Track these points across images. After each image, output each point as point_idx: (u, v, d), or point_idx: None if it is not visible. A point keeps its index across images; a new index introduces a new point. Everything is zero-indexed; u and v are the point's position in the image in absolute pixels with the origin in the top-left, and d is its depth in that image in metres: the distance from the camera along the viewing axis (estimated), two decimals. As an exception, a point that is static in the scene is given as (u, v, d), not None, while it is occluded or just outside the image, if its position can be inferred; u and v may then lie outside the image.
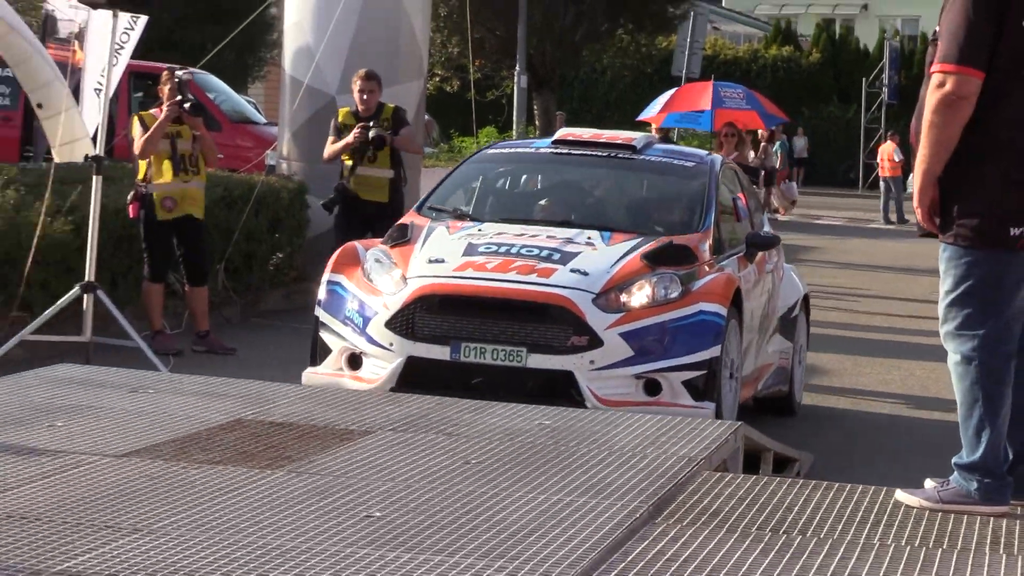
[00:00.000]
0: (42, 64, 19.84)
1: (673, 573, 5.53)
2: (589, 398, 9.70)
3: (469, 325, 9.96)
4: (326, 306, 10.38)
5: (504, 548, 5.70)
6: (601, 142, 12.39)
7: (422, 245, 10.63)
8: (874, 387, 14.43)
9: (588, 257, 10.37)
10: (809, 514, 6.55)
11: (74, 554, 5.33)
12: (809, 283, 21.99)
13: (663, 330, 9.97)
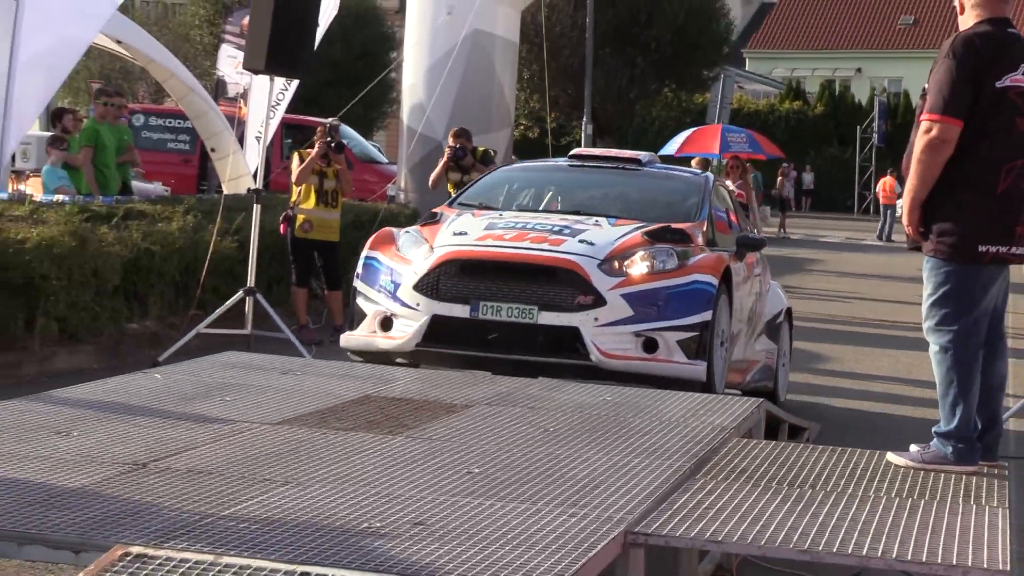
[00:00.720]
0: (215, 117, 20.03)
1: (710, 518, 5.50)
2: (593, 351, 9.05)
3: (487, 286, 9.25)
4: (363, 278, 9.74)
5: (576, 498, 5.68)
6: (611, 156, 11.98)
7: (449, 224, 9.99)
8: (868, 371, 14.34)
9: (595, 232, 9.65)
10: (817, 472, 6.51)
11: (239, 501, 5.35)
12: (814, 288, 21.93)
13: (661, 295, 9.23)
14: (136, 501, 5.27)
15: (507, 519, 5.30)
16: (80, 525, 4.95)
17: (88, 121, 16.90)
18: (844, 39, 67.23)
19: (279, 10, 14.49)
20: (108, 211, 13.61)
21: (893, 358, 15.23)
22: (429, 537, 5.01)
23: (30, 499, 5.25)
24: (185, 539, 4.81)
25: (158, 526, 4.95)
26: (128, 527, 4.93)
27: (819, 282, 25.21)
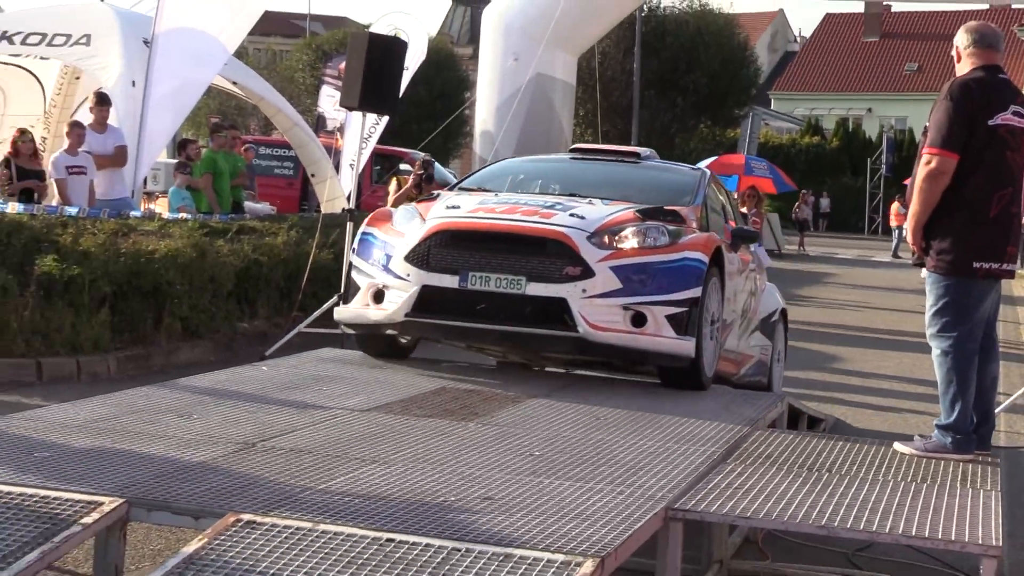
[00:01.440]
0: (315, 148, 20.16)
1: (739, 497, 5.48)
2: (580, 323, 7.75)
3: (476, 257, 7.97)
4: (359, 252, 8.54)
5: (623, 477, 5.66)
6: (610, 150, 10.81)
7: (444, 200, 8.78)
8: (876, 371, 14.24)
9: (587, 208, 8.40)
10: (832, 458, 6.46)
11: (333, 476, 5.36)
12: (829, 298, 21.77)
13: (650, 269, 7.96)
14: (246, 475, 5.30)
15: (563, 495, 5.30)
16: (199, 495, 4.99)
17: (207, 150, 17.02)
18: (857, 83, 66.96)
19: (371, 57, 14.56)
20: (224, 227, 13.71)
21: (898, 360, 15.11)
22: (496, 510, 5.01)
23: (158, 472, 5.29)
24: (288, 508, 4.83)
25: (265, 497, 4.98)
26: (239, 497, 4.96)
27: (834, 293, 25.06)
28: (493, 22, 17.78)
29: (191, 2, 16.21)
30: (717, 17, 48.51)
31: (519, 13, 17.37)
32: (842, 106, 66.12)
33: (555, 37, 16.98)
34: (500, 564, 4.36)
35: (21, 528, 4.60)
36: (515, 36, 17.34)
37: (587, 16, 17.53)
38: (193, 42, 16.10)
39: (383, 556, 4.41)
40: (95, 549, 4.99)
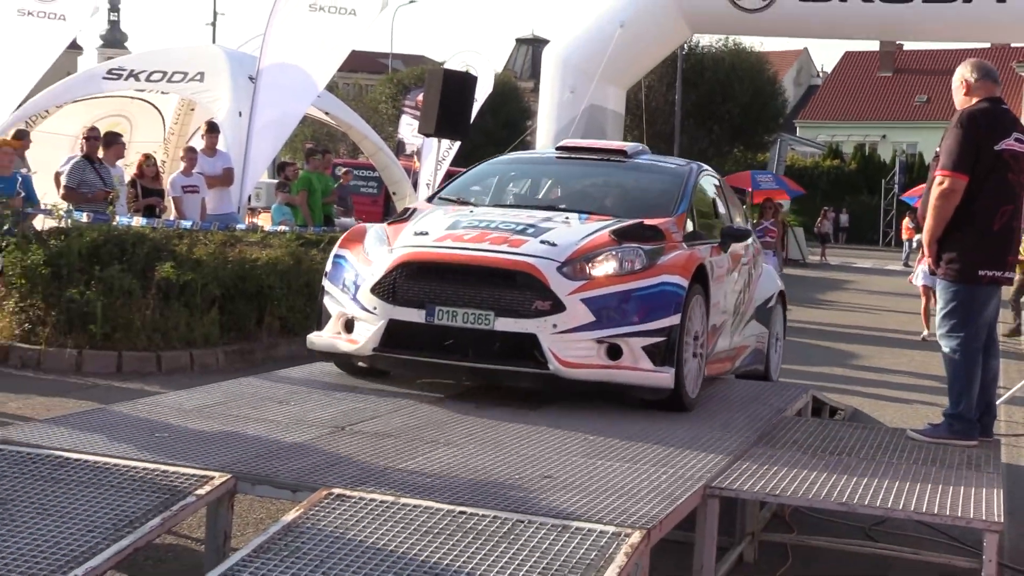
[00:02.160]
0: (396, 169, 20.23)
1: (769, 477, 5.44)
2: (551, 360, 6.57)
3: (443, 290, 6.76)
4: (330, 276, 7.33)
5: (666, 459, 5.64)
6: (597, 148, 9.06)
7: (415, 222, 7.46)
8: (890, 367, 14.10)
9: (560, 231, 7.08)
10: (852, 443, 6.41)
11: (413, 456, 5.37)
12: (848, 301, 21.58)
13: (625, 298, 6.75)
14: (336, 454, 5.32)
15: (613, 474, 5.28)
16: (296, 471, 5.01)
17: (303, 172, 17.13)
18: (872, 113, 66.45)
19: (446, 90, 14.61)
20: (317, 238, 13.76)
21: (910, 357, 14.98)
22: (554, 486, 5.01)
23: (260, 451, 5.32)
24: (372, 484, 4.85)
25: (353, 473, 5.00)
26: (331, 473, 4.98)
27: (852, 297, 24.87)
28: (552, 60, 17.76)
29: (289, 44, 16.30)
30: (749, 55, 48.26)
31: (575, 52, 17.34)
32: (859, 133, 65.58)
33: (606, 73, 16.94)
34: (559, 534, 4.36)
35: (145, 498, 4.65)
36: (571, 72, 17.32)
37: (634, 55, 17.47)
38: (291, 78, 16.19)
39: (456, 526, 4.43)
40: (207, 517, 5.04)
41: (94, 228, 11.22)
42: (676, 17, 17.13)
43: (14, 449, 5.15)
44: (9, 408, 8.65)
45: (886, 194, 53.59)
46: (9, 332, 10.64)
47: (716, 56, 46.90)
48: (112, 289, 10.45)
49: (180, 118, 19.71)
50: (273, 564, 4.10)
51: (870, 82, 68.42)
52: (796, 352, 14.47)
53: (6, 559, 4.08)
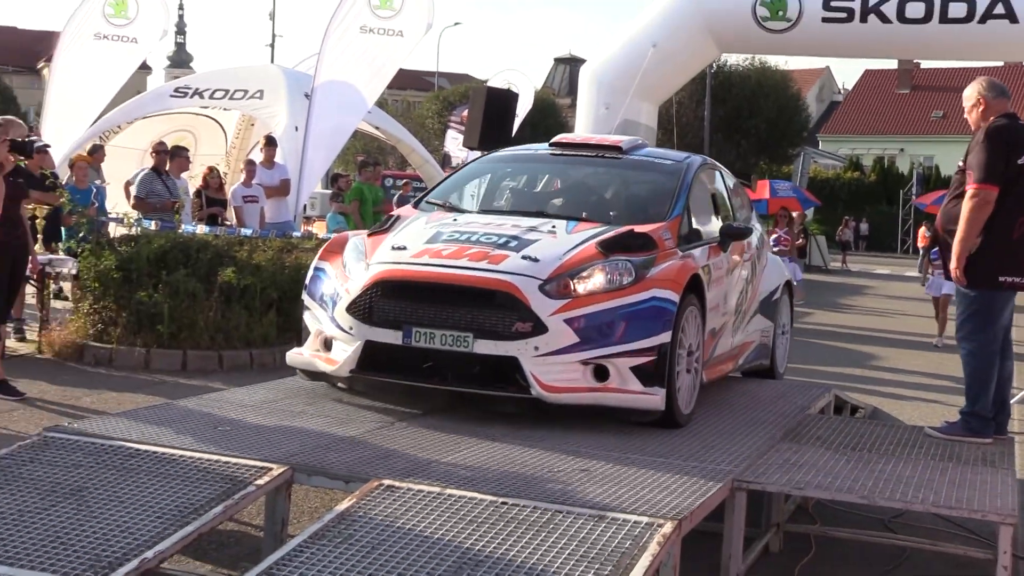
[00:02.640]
0: (441, 180, 20.18)
1: (794, 471, 5.41)
2: (533, 385, 5.82)
3: (420, 310, 6.01)
4: (309, 290, 6.56)
5: (696, 453, 5.62)
6: (592, 144, 8.03)
7: (395, 234, 6.64)
8: (908, 367, 13.97)
9: (544, 244, 6.27)
10: (872, 439, 6.36)
11: (458, 450, 5.39)
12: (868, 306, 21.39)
13: (611, 316, 5.97)
14: (387, 448, 5.33)
15: (647, 468, 5.27)
16: (349, 463, 5.03)
17: (355, 182, 17.18)
18: (891, 127, 65.98)
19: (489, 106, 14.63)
20: (368, 245, 13.75)
21: (926, 357, 14.84)
22: (591, 480, 5.00)
23: (316, 444, 5.34)
24: (421, 475, 4.86)
25: (402, 466, 5.01)
26: (381, 466, 4.99)
27: (872, 302, 24.67)
28: (588, 77, 17.71)
29: (342, 63, 16.38)
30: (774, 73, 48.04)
31: (610, 70, 17.28)
32: (879, 146, 65.09)
33: (639, 90, 16.88)
34: (595, 524, 4.35)
35: (208, 487, 4.68)
36: (606, 89, 17.25)
37: (666, 73, 17.39)
38: (343, 95, 16.27)
39: (499, 516, 4.43)
40: (266, 505, 5.07)
41: (161, 235, 11.30)
42: (705, 38, 17.05)
43: (89, 440, 5.20)
44: (83, 402, 8.73)
45: (904, 204, 53.16)
46: (84, 332, 10.74)
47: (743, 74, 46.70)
48: (178, 292, 10.51)
49: (241, 133, 19.85)
50: (327, 550, 4.11)
51: (889, 98, 67.95)
52: (819, 353, 14.38)
53: (83, 542, 4.12)
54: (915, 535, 6.29)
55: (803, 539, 6.23)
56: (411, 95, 67.12)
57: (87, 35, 17.51)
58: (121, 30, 17.65)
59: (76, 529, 4.23)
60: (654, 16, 17.23)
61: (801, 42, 16.73)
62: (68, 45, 17.62)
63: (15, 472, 4.80)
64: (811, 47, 17.61)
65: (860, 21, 15.95)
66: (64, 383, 9.44)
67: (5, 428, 7.73)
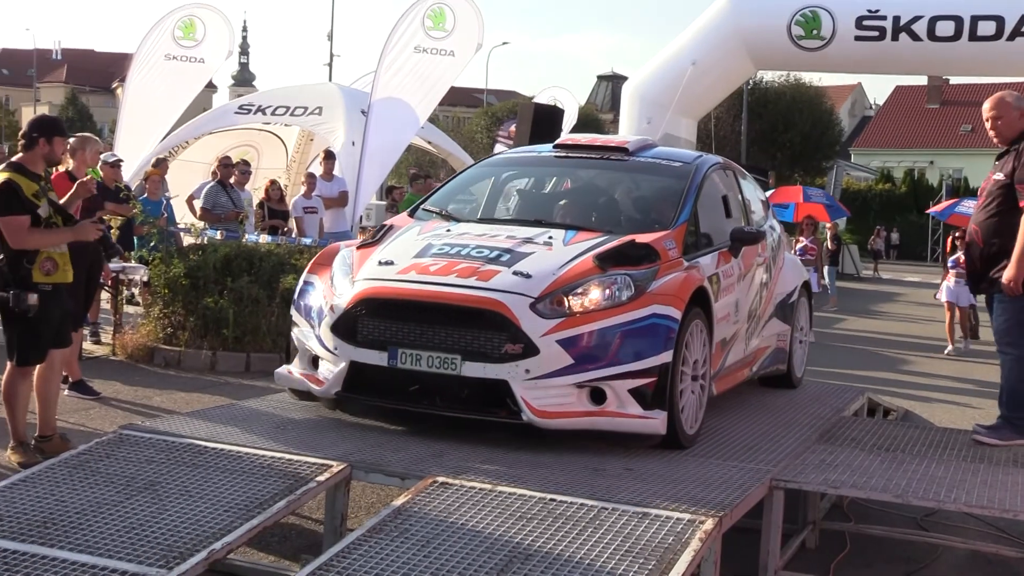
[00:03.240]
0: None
1: (829, 471, 5.36)
2: (524, 409, 5.24)
3: (405, 330, 5.42)
4: (297, 305, 6.00)
5: (736, 453, 5.59)
6: (597, 145, 7.25)
7: (384, 247, 6.02)
8: (935, 371, 13.81)
9: (538, 258, 5.64)
10: (905, 440, 6.28)
11: (506, 449, 5.36)
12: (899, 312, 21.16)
13: (608, 335, 5.33)
14: (440, 446, 5.33)
15: (689, 467, 5.24)
16: (404, 461, 5.04)
17: (408, 194, 17.24)
18: (921, 141, 65.33)
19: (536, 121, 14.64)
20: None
21: (956, 362, 14.66)
22: (634, 477, 4.98)
23: (373, 442, 5.36)
24: (472, 473, 4.86)
25: (455, 464, 5.01)
26: (435, 464, 4.99)
27: (903, 309, 24.41)
28: (630, 93, 17.68)
29: (396, 82, 16.46)
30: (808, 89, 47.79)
31: (651, 87, 17.24)
32: (909, 159, 64.45)
33: (679, 106, 16.82)
34: (639, 520, 4.33)
35: (274, 482, 4.71)
36: (648, 105, 17.20)
37: (705, 90, 17.32)
38: (398, 112, 16.34)
39: (547, 512, 4.42)
40: (326, 501, 5.08)
41: (227, 244, 11.40)
42: (743, 56, 16.97)
43: (161, 438, 5.26)
44: (154, 402, 8.81)
45: (933, 215, 52.71)
46: (154, 335, 10.85)
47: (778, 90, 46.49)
48: (242, 298, 10.59)
49: (301, 147, 19.99)
50: (384, 543, 4.12)
51: (919, 113, 67.30)
52: (851, 357, 14.25)
53: (156, 534, 4.16)
54: (947, 533, 6.22)
55: (838, 536, 6.18)
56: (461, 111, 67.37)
57: (158, 56, 17.71)
58: (189, 51, 17.84)
59: (149, 521, 4.27)
60: (693, 35, 17.18)
61: (834, 59, 16.60)
62: (141, 66, 17.83)
63: (93, 467, 4.86)
64: (844, 64, 17.47)
65: (892, 39, 15.81)
66: (136, 383, 9.54)
67: (83, 425, 7.83)
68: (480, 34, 16.70)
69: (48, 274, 6.57)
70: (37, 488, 4.62)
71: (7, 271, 6.49)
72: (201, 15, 17.92)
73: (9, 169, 6.58)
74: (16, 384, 6.65)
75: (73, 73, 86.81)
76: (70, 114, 67.64)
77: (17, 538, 4.12)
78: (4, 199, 6.40)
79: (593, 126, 49.49)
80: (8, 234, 6.43)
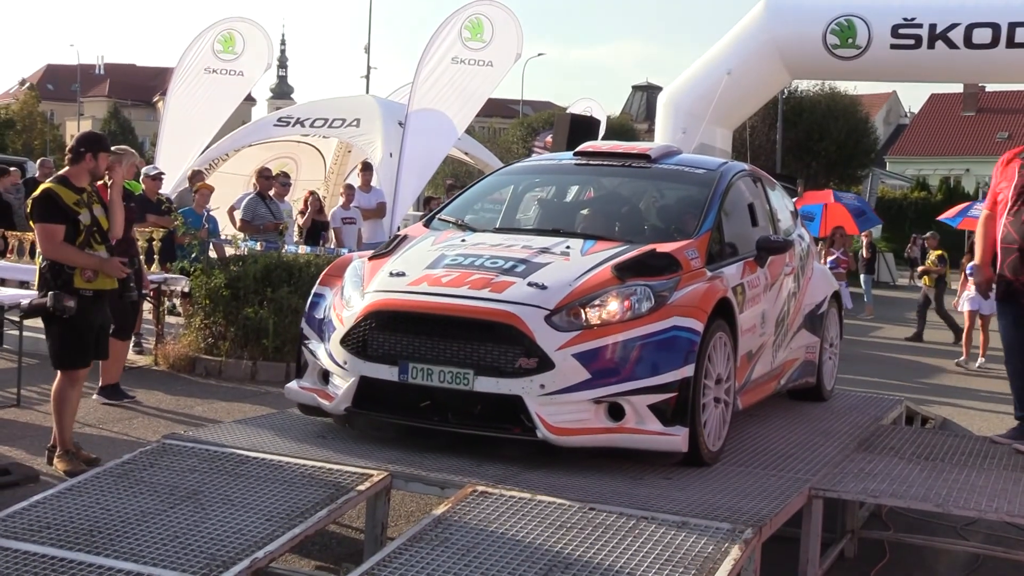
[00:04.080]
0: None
1: (868, 479, 5.32)
2: (539, 426, 5.03)
3: (416, 344, 5.21)
4: (308, 318, 5.80)
5: (775, 462, 5.55)
6: (618, 152, 6.95)
7: (397, 257, 5.82)
8: (974, 378, 13.65)
9: (554, 269, 5.42)
10: (943, 449, 6.21)
11: (545, 459, 5.33)
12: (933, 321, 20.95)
13: (626, 349, 5.11)
14: (479, 456, 5.29)
15: (728, 476, 5.21)
16: (444, 470, 5.03)
17: (445, 205, 17.26)
18: (957, 148, 64.79)
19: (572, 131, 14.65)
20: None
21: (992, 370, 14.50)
22: (674, 486, 4.96)
23: (413, 451, 5.33)
24: (511, 483, 4.85)
25: (494, 473, 5.00)
26: (474, 473, 4.99)
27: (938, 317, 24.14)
28: (665, 104, 17.66)
29: (434, 93, 16.49)
30: (843, 97, 47.46)
31: (686, 97, 17.22)
32: (944, 167, 63.95)
33: (715, 116, 16.79)
34: (679, 530, 4.31)
35: (315, 491, 4.72)
36: (683, 115, 17.19)
37: (740, 99, 17.29)
38: (434, 123, 16.37)
39: (586, 521, 4.41)
40: (367, 509, 5.09)
41: (266, 255, 11.46)
42: (778, 65, 16.91)
43: (204, 447, 5.28)
44: (196, 411, 8.87)
45: (971, 222, 52.22)
46: (195, 345, 10.92)
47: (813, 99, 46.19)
48: (282, 308, 10.64)
49: (339, 159, 20.08)
50: (425, 552, 4.12)
51: (954, 121, 66.77)
52: (889, 366, 14.13)
53: (199, 542, 4.18)
54: (988, 543, 6.15)
55: (877, 545, 6.13)
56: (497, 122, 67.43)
57: (198, 70, 17.87)
58: (229, 64, 17.98)
59: (193, 530, 4.30)
60: (728, 45, 17.14)
61: (870, 68, 16.52)
62: (181, 80, 17.99)
63: (136, 476, 4.89)
64: (879, 73, 17.37)
65: (928, 47, 15.71)
66: (178, 393, 9.60)
67: (126, 435, 7.89)
68: (519, 44, 16.65)
69: (89, 280, 6.66)
70: (83, 497, 4.66)
71: (48, 276, 6.59)
72: (240, 28, 18.07)
73: (54, 181, 6.70)
74: (66, 391, 6.73)
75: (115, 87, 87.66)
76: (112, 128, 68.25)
77: (64, 546, 4.15)
78: (43, 207, 6.58)
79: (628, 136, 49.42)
80: (42, 240, 6.58)
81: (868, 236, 25.45)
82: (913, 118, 72.63)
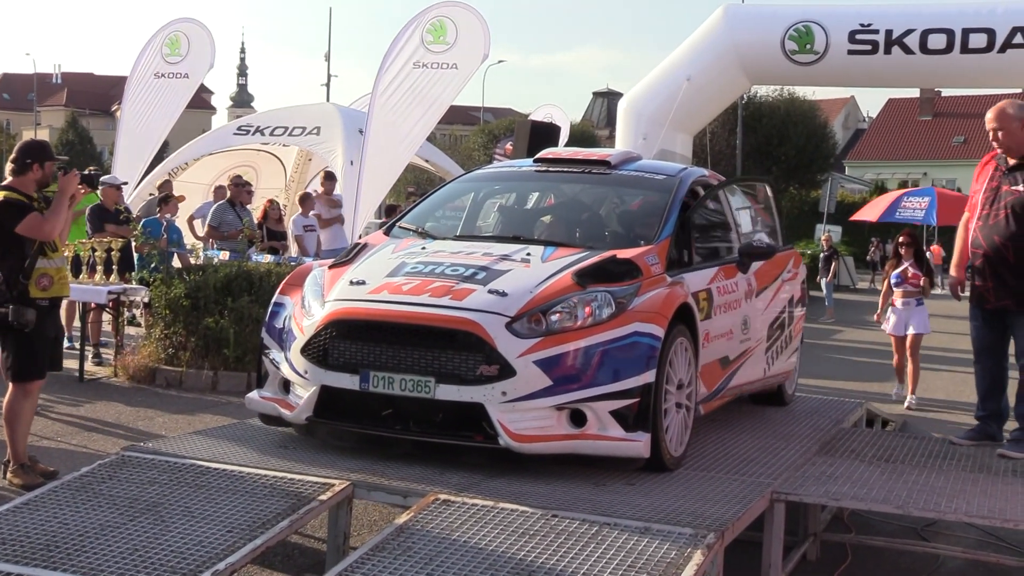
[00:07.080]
0: (488, 209, 20.15)
1: (830, 482, 5.35)
2: (501, 433, 5.02)
3: (377, 352, 5.19)
4: (268, 328, 5.75)
5: (737, 467, 5.58)
6: (578, 159, 6.98)
7: (357, 266, 5.81)
8: (933, 381, 13.77)
9: (514, 276, 5.42)
10: (904, 451, 6.28)
11: (507, 466, 5.33)
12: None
13: (587, 355, 5.09)
14: (442, 464, 5.30)
15: (690, 481, 5.23)
16: (406, 479, 5.01)
17: (407, 212, 17.24)
18: (914, 153, 65.47)
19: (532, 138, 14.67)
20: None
21: (950, 373, 14.61)
22: (636, 493, 4.96)
23: (375, 460, 5.31)
24: (474, 491, 4.84)
25: (456, 482, 4.99)
26: (436, 482, 4.97)
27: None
28: (626, 110, 17.71)
29: (396, 100, 16.45)
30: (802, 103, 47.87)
31: (647, 103, 17.27)
32: (902, 171, 64.58)
33: (675, 121, 16.86)
34: (641, 535, 4.32)
35: (276, 502, 4.69)
36: (644, 121, 17.24)
37: (700, 105, 17.37)
38: (395, 131, 16.34)
39: (549, 528, 4.40)
40: (328, 519, 5.06)
41: (227, 264, 11.40)
42: (737, 71, 17.01)
43: (164, 459, 5.24)
44: (156, 423, 8.79)
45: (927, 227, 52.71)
46: (155, 356, 10.83)
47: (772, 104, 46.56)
48: (243, 318, 10.58)
49: (299, 167, 20.02)
50: (388, 561, 4.10)
51: (911, 125, 67.46)
52: (849, 368, 14.23)
53: (159, 555, 4.14)
54: (947, 543, 6.20)
55: (839, 548, 6.16)
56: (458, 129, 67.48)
57: (149, 75, 17.87)
58: (175, 67, 17.97)
59: (153, 542, 4.25)
60: (688, 51, 17.22)
61: (828, 73, 16.65)
62: (135, 87, 17.95)
63: (95, 489, 4.84)
64: (837, 78, 17.52)
65: (884, 53, 15.86)
66: (138, 404, 9.52)
67: (85, 447, 7.81)
68: (486, 44, 16.48)
69: (44, 289, 6.60)
70: (40, 511, 4.60)
71: (4, 288, 6.51)
72: (185, 30, 18.10)
73: (4, 189, 6.62)
74: (19, 404, 6.64)
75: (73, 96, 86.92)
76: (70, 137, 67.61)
77: (21, 561, 4.09)
78: (10, 212, 6.49)
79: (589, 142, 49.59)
80: (32, 234, 6.50)
81: (828, 239, 25.66)
82: (871, 123, 73.37)
